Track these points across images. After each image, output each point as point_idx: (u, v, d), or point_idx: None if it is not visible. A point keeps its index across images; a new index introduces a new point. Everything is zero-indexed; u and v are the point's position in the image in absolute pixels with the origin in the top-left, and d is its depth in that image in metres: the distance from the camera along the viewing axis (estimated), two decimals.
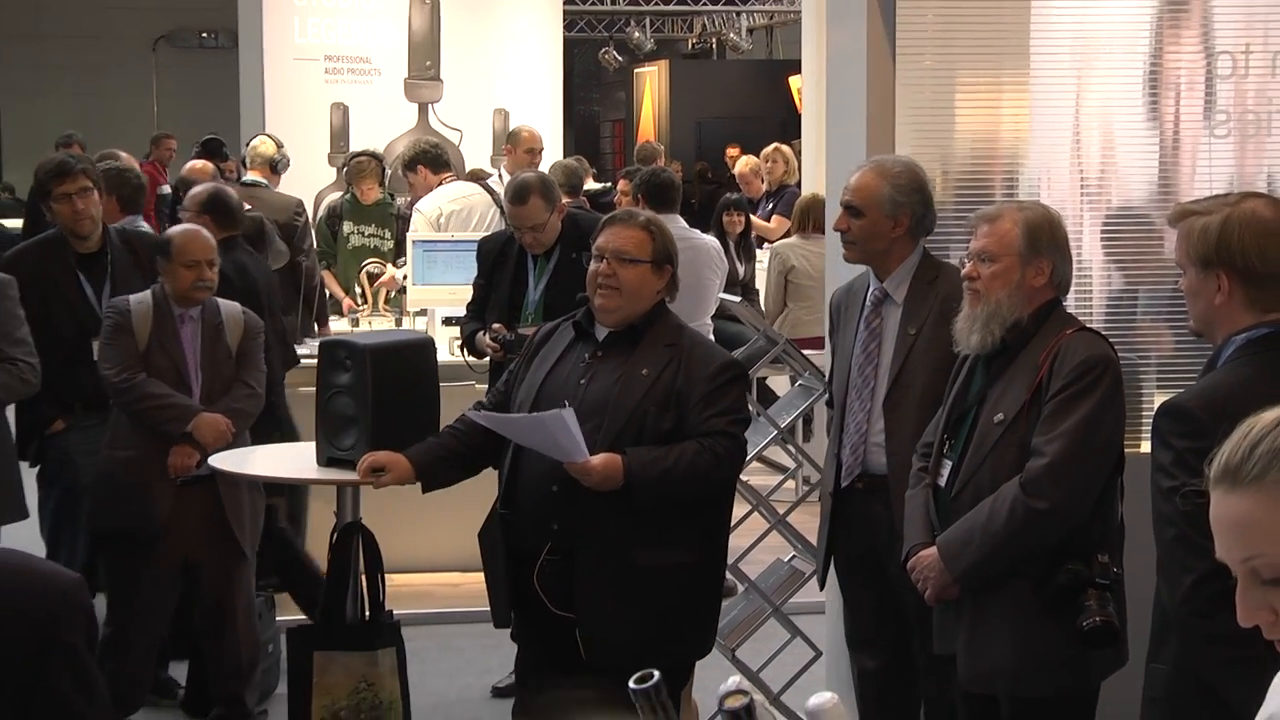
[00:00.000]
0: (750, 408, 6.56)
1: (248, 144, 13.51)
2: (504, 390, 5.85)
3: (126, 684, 7.22)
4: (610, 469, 5.28)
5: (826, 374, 6.40)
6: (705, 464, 5.38)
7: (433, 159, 12.15)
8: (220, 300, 7.39)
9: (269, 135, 13.47)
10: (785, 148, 16.72)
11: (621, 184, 13.85)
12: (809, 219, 11.91)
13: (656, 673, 2.66)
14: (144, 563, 7.21)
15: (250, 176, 12.29)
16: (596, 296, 5.53)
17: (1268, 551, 2.39)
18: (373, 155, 13.05)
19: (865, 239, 5.65)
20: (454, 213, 11.19)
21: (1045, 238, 5.06)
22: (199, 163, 11.26)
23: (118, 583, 7.36)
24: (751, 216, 15.27)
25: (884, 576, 5.40)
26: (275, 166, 12.85)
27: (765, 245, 14.73)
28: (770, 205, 15.78)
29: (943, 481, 5.12)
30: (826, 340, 6.56)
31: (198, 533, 7.22)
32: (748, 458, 6.39)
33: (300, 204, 12.34)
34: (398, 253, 11.76)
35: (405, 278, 10.72)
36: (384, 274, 11.41)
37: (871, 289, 5.72)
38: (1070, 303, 5.33)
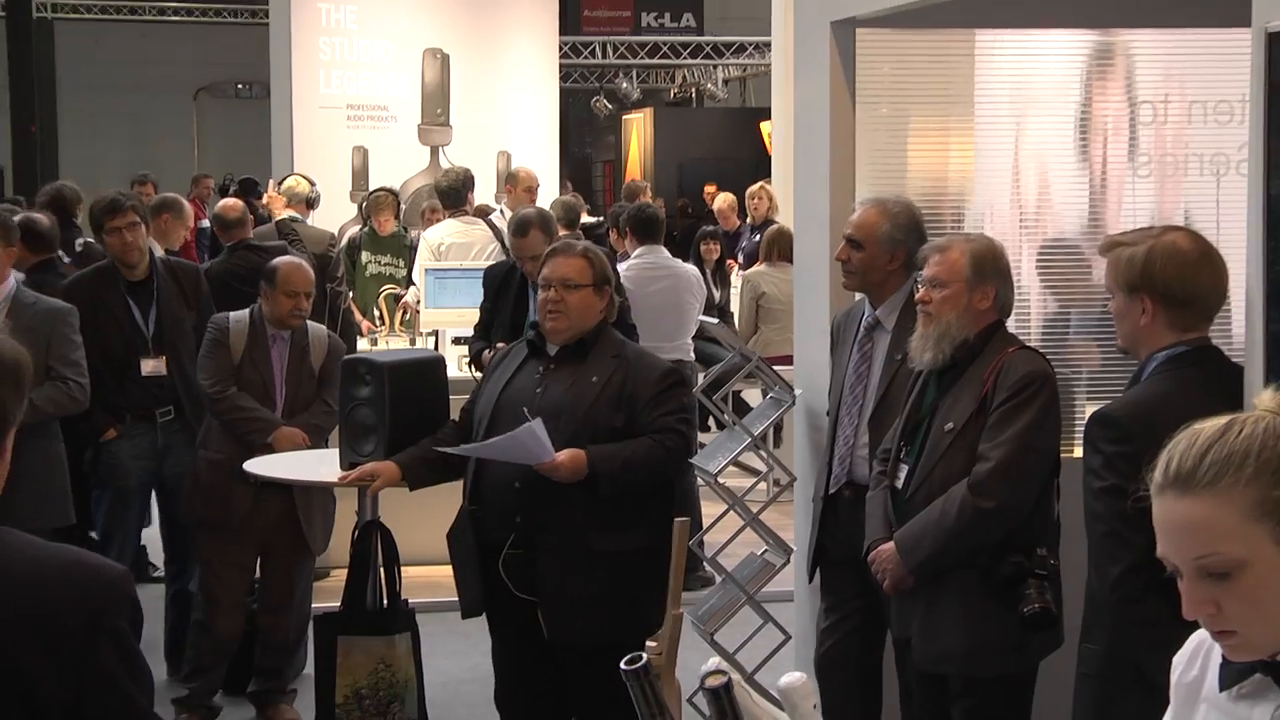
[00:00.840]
0: (726, 418, 6.58)
1: (279, 183, 13.52)
2: (467, 411, 5.88)
3: (214, 655, 7.38)
4: (576, 463, 5.33)
5: (794, 388, 6.41)
6: (659, 456, 5.46)
7: (455, 194, 12.12)
8: (310, 324, 7.52)
9: (302, 175, 13.50)
10: (769, 186, 16.70)
11: (614, 234, 13.85)
12: (774, 250, 11.95)
13: (645, 655, 2.65)
14: (226, 549, 7.33)
15: (288, 213, 12.27)
16: (547, 320, 5.57)
17: (1218, 550, 2.39)
18: (390, 191, 13.07)
19: (864, 270, 5.64)
20: (454, 244, 11.23)
21: (990, 266, 5.07)
22: (235, 202, 11.22)
23: (205, 565, 7.44)
24: (727, 247, 15.38)
25: (865, 575, 5.38)
26: (310, 203, 12.92)
27: (738, 273, 14.78)
28: (756, 238, 15.75)
29: (900, 483, 5.13)
30: (802, 360, 6.59)
31: (272, 528, 7.31)
32: (725, 463, 6.42)
33: (333, 236, 12.46)
34: (410, 280, 11.75)
35: (418, 302, 10.72)
36: (404, 297, 11.39)
37: (865, 316, 5.72)
38: (1011, 324, 5.32)
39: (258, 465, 6.92)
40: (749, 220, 16.44)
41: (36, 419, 6.64)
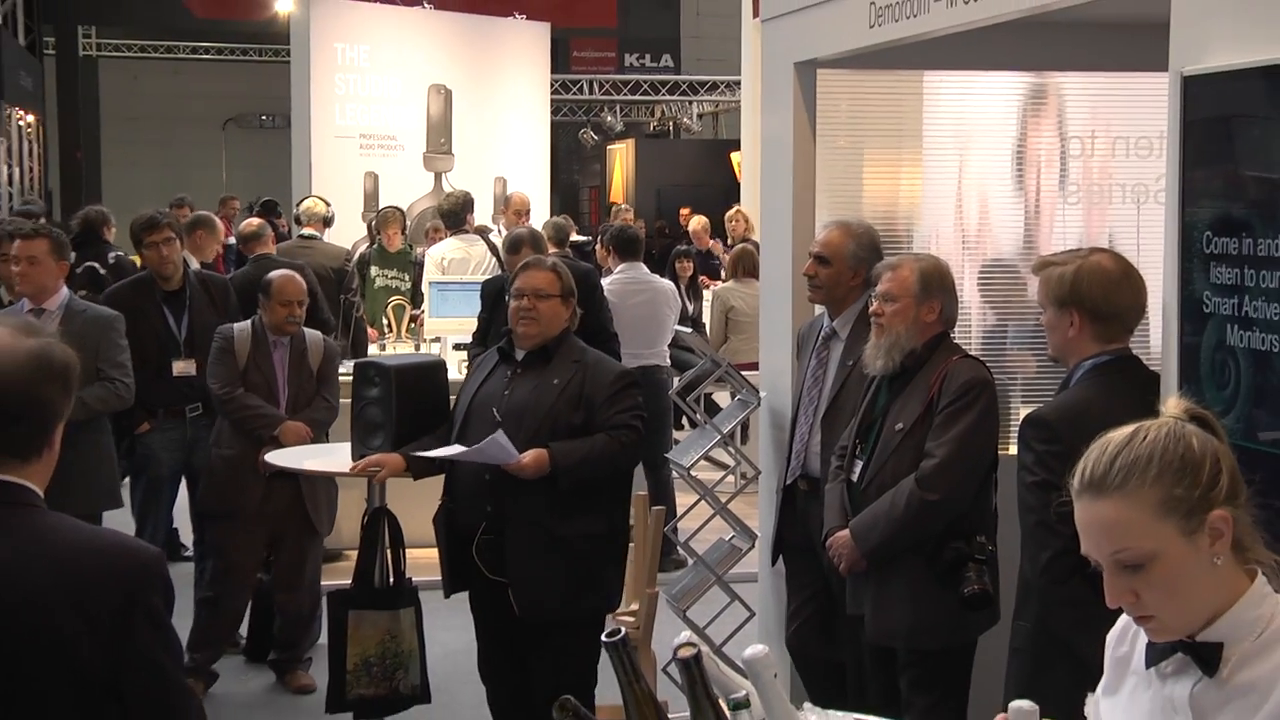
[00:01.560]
0: (699, 417, 6.58)
1: (299, 204, 13.54)
2: (454, 408, 5.89)
3: (218, 629, 7.48)
4: (538, 461, 5.34)
5: (759, 391, 6.41)
6: (614, 450, 5.48)
7: (456, 215, 12.16)
8: (306, 329, 7.58)
9: (319, 197, 13.47)
10: (744, 210, 16.73)
11: (599, 245, 13.86)
12: (739, 267, 11.94)
13: (623, 629, 2.65)
14: (237, 535, 7.39)
15: (307, 231, 12.26)
16: (519, 325, 5.58)
17: (1131, 545, 2.42)
18: (396, 208, 13.08)
19: (830, 285, 5.65)
20: (455, 260, 11.26)
21: (935, 283, 5.09)
22: (254, 220, 11.27)
23: (217, 550, 7.50)
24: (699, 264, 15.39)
25: (818, 558, 5.38)
26: (326, 222, 12.92)
27: (708, 285, 14.79)
28: (719, 257, 15.80)
29: (855, 477, 5.15)
30: (767, 366, 6.61)
31: (282, 514, 7.37)
32: (697, 458, 6.43)
33: (348, 252, 12.50)
34: (414, 293, 11.77)
35: (423, 312, 10.77)
36: (409, 308, 11.40)
37: (824, 326, 5.72)
38: (955, 334, 5.32)
39: (277, 457, 7.01)
40: (729, 240, 16.50)
41: (88, 415, 6.72)
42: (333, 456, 6.96)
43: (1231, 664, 2.44)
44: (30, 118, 23.16)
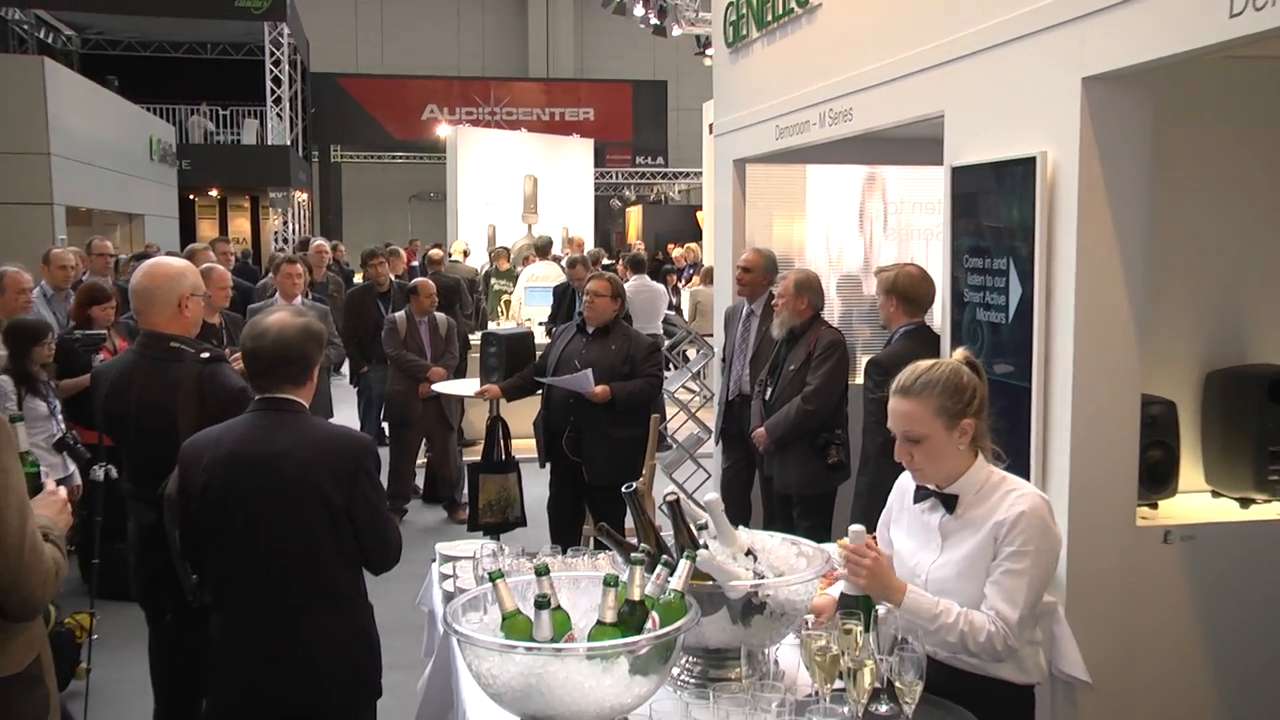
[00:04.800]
0: (679, 362, 6.57)
1: (452, 244, 13.82)
2: (543, 359, 5.76)
3: (401, 488, 7.55)
4: (605, 392, 5.32)
5: (715, 349, 6.38)
6: (646, 389, 5.44)
7: (543, 249, 12.18)
8: (436, 313, 7.57)
9: (462, 239, 14.13)
10: (695, 246, 16.79)
11: (620, 265, 13.87)
12: (704, 277, 11.94)
13: (636, 485, 2.67)
14: (407, 435, 7.50)
15: (456, 257, 12.93)
16: (588, 312, 5.51)
17: (915, 429, 2.44)
18: (504, 247, 13.16)
19: (750, 285, 5.60)
20: (539, 274, 11.26)
21: (806, 286, 5.08)
22: (434, 250, 11.71)
23: (396, 445, 7.54)
24: (679, 276, 15.40)
25: (747, 442, 5.39)
26: (465, 253, 13.69)
27: (684, 288, 14.81)
28: (691, 272, 15.77)
29: (768, 397, 5.12)
30: (717, 333, 6.55)
31: (430, 421, 7.44)
32: (677, 386, 6.46)
33: (477, 271, 12.62)
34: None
35: (520, 305, 10.81)
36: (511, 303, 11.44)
37: (746, 308, 5.67)
38: (825, 315, 5.30)
39: (439, 386, 7.21)
40: (686, 262, 16.67)
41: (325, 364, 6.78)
42: (463, 385, 7.19)
43: (963, 507, 2.47)
44: (304, 196, 23.30)
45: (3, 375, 5.07)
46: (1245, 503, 3.70)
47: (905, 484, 2.64)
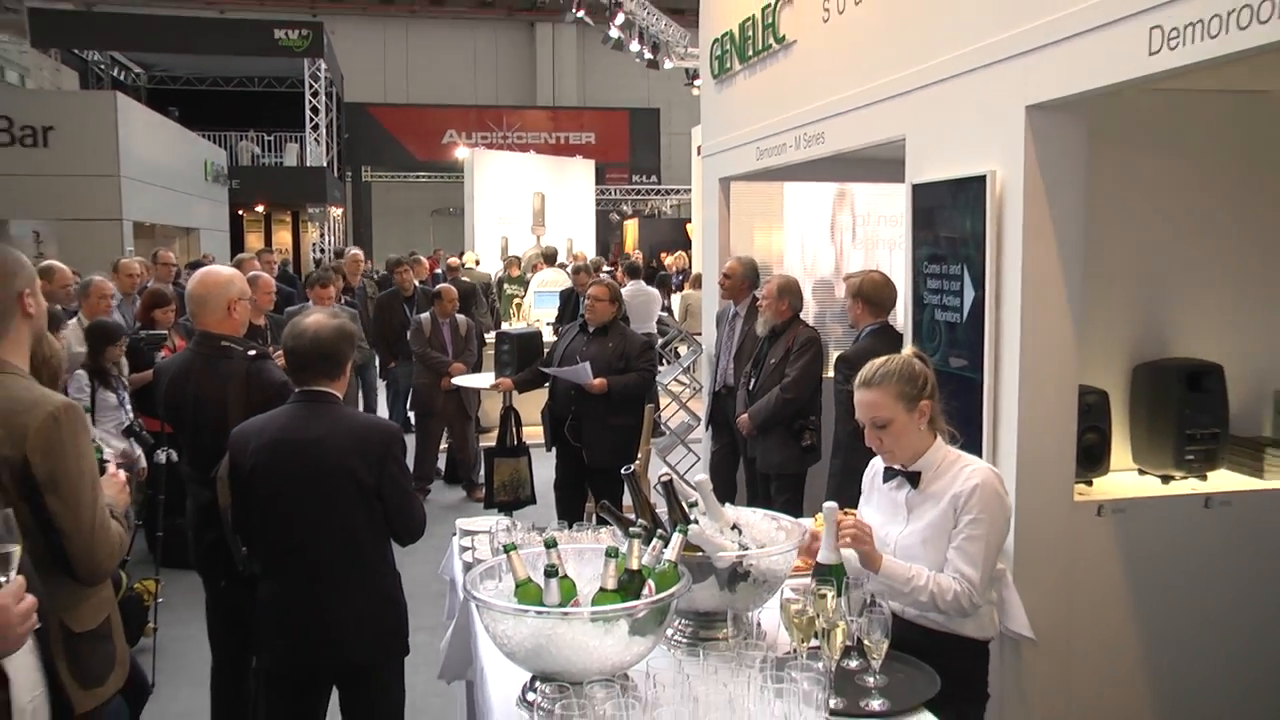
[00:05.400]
0: (671, 358, 6.54)
1: (466, 253, 13.66)
2: (550, 354, 5.76)
3: (425, 471, 7.42)
4: (602, 384, 5.25)
5: (704, 346, 6.35)
6: (640, 381, 5.35)
7: (550, 258, 12.12)
8: (457, 315, 7.47)
9: (472, 251, 14.00)
10: (684, 254, 16.74)
11: (619, 271, 13.85)
12: (693, 282, 11.95)
13: (633, 467, 2.65)
14: (430, 424, 7.42)
15: (470, 264, 12.66)
16: (589, 314, 5.45)
17: (880, 415, 2.44)
18: (516, 257, 13.07)
19: (734, 290, 5.57)
20: (547, 280, 11.18)
21: (787, 289, 5.05)
22: (454, 259, 11.71)
23: (421, 430, 7.49)
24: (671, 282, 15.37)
25: (730, 427, 5.37)
26: (478, 262, 13.42)
27: (676, 293, 14.77)
28: (681, 277, 15.71)
29: (751, 387, 5.09)
30: (706, 332, 6.53)
31: (451, 411, 7.36)
32: (670, 378, 6.43)
33: (491, 276, 12.60)
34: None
35: (530, 307, 10.76)
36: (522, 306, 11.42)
37: (732, 310, 5.64)
38: (802, 315, 5.28)
39: (459, 380, 7.07)
40: (677, 269, 16.60)
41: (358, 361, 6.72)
42: (481, 379, 7.05)
43: (924, 482, 2.46)
44: (338, 211, 23.23)
45: (80, 370, 5.09)
46: (1166, 479, 3.70)
47: (876, 467, 2.64)
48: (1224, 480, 3.65)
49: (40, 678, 1.91)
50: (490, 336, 8.02)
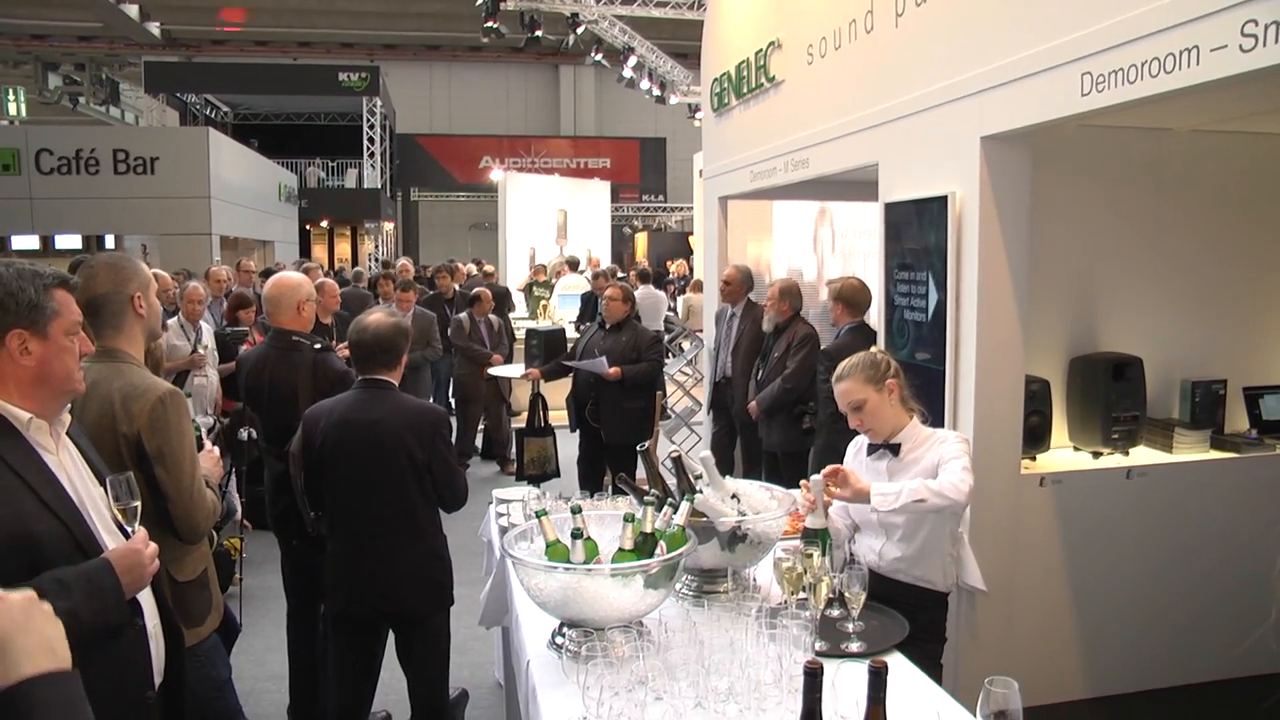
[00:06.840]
0: (676, 352, 6.50)
1: (484, 264, 13.50)
2: (572, 349, 5.71)
3: (465, 448, 7.35)
4: (617, 373, 5.20)
5: (705, 342, 6.30)
6: (650, 370, 5.28)
7: (573, 264, 12.05)
8: (490, 315, 7.38)
9: (485, 264, 13.81)
10: (684, 261, 16.66)
11: (632, 276, 13.79)
12: (696, 286, 11.79)
13: (646, 444, 2.63)
14: (470, 408, 7.29)
15: (489, 270, 12.59)
16: (606, 312, 5.39)
17: (856, 398, 2.42)
18: (542, 266, 13.01)
19: (731, 294, 5.51)
20: (570, 284, 11.12)
21: (789, 291, 4.99)
22: (489, 267, 11.58)
23: (462, 414, 7.35)
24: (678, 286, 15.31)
25: (729, 412, 5.32)
26: (493, 271, 13.21)
27: (680, 295, 14.72)
28: (682, 282, 15.65)
29: (759, 377, 5.03)
30: (706, 330, 6.50)
31: (489, 397, 7.27)
32: (676, 369, 6.38)
33: (519, 284, 12.46)
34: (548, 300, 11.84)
35: (555, 308, 10.74)
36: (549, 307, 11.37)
37: (730, 310, 5.58)
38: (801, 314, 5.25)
39: (495, 370, 6.95)
40: (680, 275, 16.52)
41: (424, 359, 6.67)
42: (513, 369, 6.96)
43: (904, 451, 2.44)
44: (390, 226, 23.26)
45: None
46: (1096, 455, 3.73)
47: (860, 443, 2.61)
48: (1143, 455, 3.71)
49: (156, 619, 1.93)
50: (520, 333, 7.99)
